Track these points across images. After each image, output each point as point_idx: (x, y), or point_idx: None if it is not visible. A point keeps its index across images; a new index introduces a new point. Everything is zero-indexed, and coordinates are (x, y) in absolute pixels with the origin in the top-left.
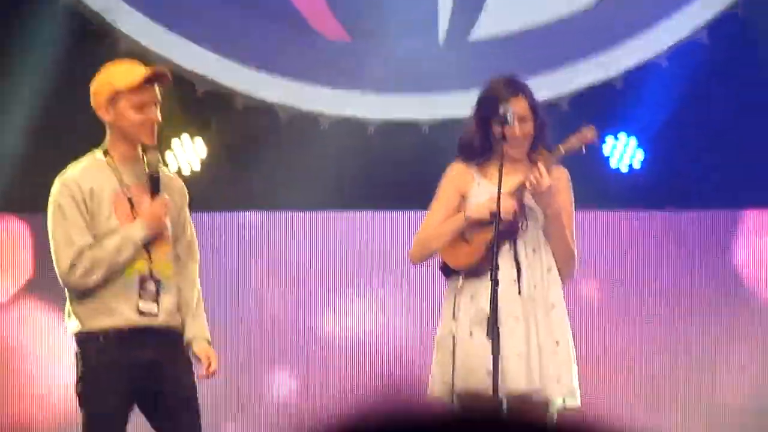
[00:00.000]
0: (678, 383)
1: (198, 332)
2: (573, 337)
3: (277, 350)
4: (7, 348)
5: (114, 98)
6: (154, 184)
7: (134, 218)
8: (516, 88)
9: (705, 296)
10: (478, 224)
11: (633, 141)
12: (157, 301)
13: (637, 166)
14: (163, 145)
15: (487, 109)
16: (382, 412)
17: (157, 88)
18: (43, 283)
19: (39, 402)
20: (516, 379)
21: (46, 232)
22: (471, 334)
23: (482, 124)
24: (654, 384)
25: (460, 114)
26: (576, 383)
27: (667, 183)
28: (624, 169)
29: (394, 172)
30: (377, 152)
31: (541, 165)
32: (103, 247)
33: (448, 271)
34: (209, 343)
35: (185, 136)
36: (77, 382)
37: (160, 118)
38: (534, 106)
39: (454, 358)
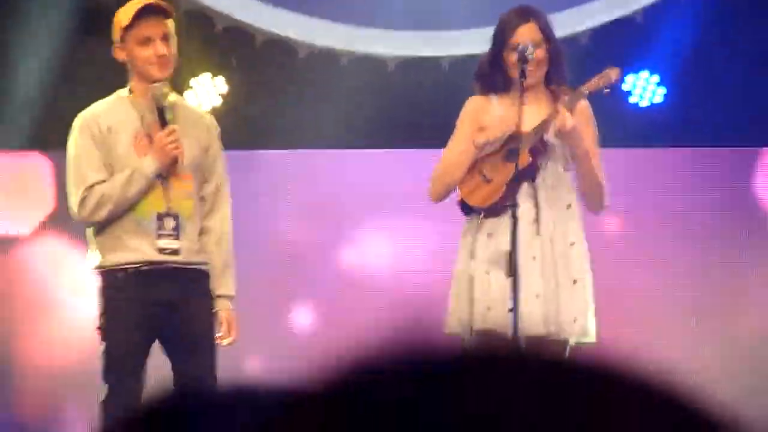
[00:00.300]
0: (698, 319)
1: (224, 289)
2: (593, 273)
3: (298, 285)
4: (30, 281)
5: (122, 36)
6: (160, 116)
7: None
8: (526, 14)
9: (726, 232)
10: (494, 156)
11: (654, 77)
12: (177, 237)
13: (658, 101)
14: (183, 82)
15: (500, 40)
16: (397, 347)
17: (167, 23)
18: (65, 217)
19: (62, 336)
20: (534, 321)
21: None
22: (488, 272)
23: (495, 55)
24: (674, 320)
25: (480, 50)
26: (592, 322)
27: (689, 120)
28: (645, 105)
29: (414, 109)
30: (397, 89)
31: (561, 107)
32: (112, 182)
33: (466, 209)
34: (232, 300)
35: (206, 74)
36: (99, 316)
37: (169, 52)
38: (546, 31)
39: (472, 297)
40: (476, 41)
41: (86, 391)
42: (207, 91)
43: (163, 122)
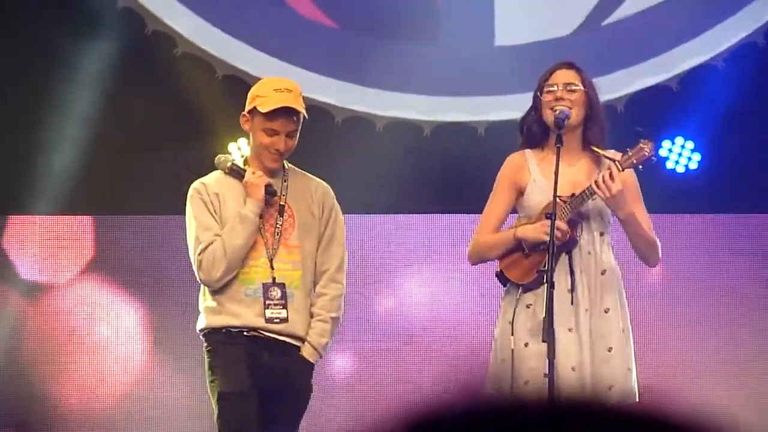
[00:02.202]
0: (732, 381)
1: (310, 337)
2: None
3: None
4: (65, 329)
5: (252, 112)
6: (236, 173)
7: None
8: (567, 62)
9: (760, 298)
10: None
11: (689, 144)
12: (284, 307)
13: (693, 167)
14: (223, 146)
15: (539, 86)
16: (450, 406)
17: (297, 120)
18: (102, 265)
19: (97, 385)
20: (570, 394)
21: (107, 226)
22: (527, 345)
23: (534, 103)
24: (709, 380)
25: (516, 116)
26: (632, 384)
27: (724, 187)
28: (681, 171)
29: (449, 174)
30: (433, 154)
31: (613, 168)
32: (221, 239)
33: (504, 280)
34: (316, 350)
35: (242, 140)
36: (208, 372)
37: (287, 147)
38: (584, 78)
39: (512, 370)
40: (512, 106)
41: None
42: (243, 154)
43: (241, 178)
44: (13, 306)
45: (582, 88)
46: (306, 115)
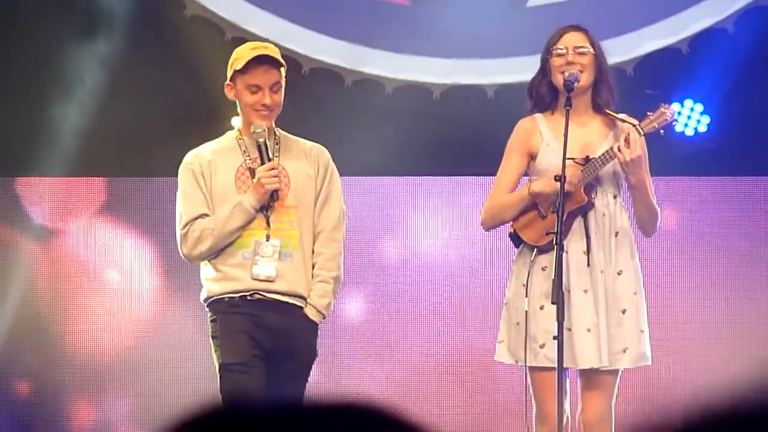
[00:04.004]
0: (740, 343)
1: (312, 298)
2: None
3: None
4: (79, 266)
5: (233, 77)
6: (260, 153)
7: None
8: (576, 25)
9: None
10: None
11: (699, 107)
12: (275, 267)
13: (703, 130)
14: (232, 110)
15: (547, 48)
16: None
17: (279, 72)
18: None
19: (108, 329)
20: (587, 355)
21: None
22: (543, 307)
23: (543, 65)
24: (717, 343)
25: (525, 78)
26: (644, 347)
27: (733, 149)
28: (690, 134)
29: (459, 137)
30: (442, 117)
31: (633, 133)
32: (214, 217)
33: (518, 241)
34: (318, 311)
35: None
36: (212, 342)
37: (275, 101)
38: (593, 41)
39: (526, 332)
40: (522, 69)
41: (131, 376)
42: (233, 125)
43: (263, 159)
44: (26, 251)
45: (592, 50)
46: (284, 63)
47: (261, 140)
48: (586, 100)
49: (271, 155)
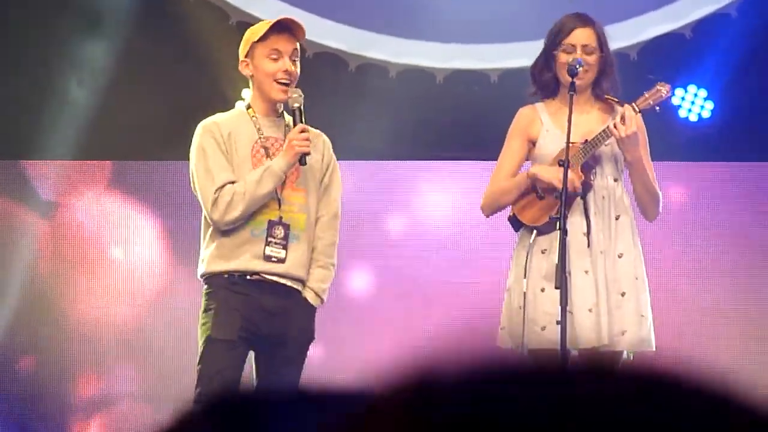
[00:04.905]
0: (749, 328)
1: (311, 282)
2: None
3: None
4: (84, 238)
5: (251, 50)
6: (294, 117)
7: None
8: (586, 19)
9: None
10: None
11: (702, 92)
12: (285, 247)
13: (706, 116)
14: (236, 93)
15: (554, 40)
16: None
17: (297, 43)
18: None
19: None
20: (587, 335)
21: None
22: (543, 290)
23: (547, 54)
24: (726, 330)
25: (528, 63)
26: (646, 331)
27: (736, 135)
28: (693, 120)
29: (462, 122)
30: (446, 102)
31: (628, 110)
32: (243, 181)
33: (517, 225)
34: (317, 295)
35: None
36: (201, 315)
37: (294, 71)
38: (602, 39)
39: (525, 315)
40: (525, 54)
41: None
42: (242, 97)
43: (297, 122)
44: (31, 227)
45: (600, 52)
46: (305, 30)
47: (296, 105)
48: (589, 89)
49: (303, 121)
